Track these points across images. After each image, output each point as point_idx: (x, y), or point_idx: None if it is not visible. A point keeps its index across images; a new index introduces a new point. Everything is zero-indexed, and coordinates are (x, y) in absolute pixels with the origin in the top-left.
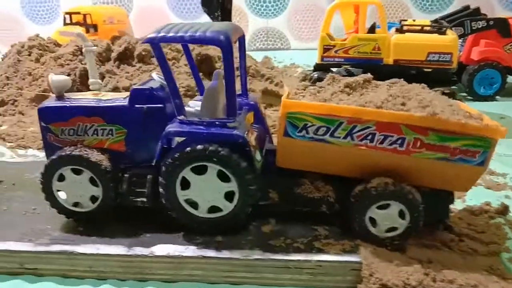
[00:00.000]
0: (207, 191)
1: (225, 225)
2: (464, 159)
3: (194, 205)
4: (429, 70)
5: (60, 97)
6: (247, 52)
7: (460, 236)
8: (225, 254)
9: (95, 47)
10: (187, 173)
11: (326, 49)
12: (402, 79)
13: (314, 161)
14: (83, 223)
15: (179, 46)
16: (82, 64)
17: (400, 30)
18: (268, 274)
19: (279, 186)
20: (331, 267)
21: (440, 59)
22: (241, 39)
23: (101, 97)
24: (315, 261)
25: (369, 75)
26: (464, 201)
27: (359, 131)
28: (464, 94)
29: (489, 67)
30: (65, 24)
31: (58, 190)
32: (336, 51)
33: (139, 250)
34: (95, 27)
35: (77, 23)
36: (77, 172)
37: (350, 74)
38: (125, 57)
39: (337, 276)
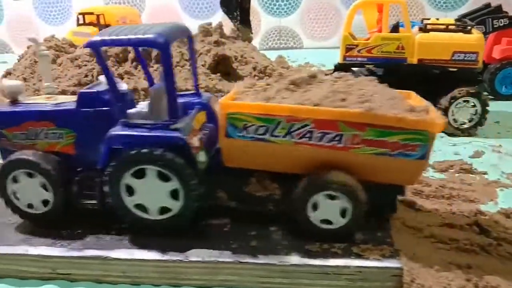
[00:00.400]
0: (152, 194)
1: (177, 224)
2: (404, 153)
3: (144, 209)
4: (454, 69)
5: (13, 102)
6: (261, 51)
7: (498, 240)
8: (261, 259)
9: (47, 51)
10: (129, 179)
11: (348, 48)
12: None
13: (257, 160)
14: (117, 228)
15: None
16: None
17: (424, 29)
18: (305, 280)
19: (227, 185)
20: (371, 273)
21: (466, 58)
22: (190, 39)
23: (52, 101)
24: (355, 266)
25: (315, 71)
26: (497, 204)
27: (297, 129)
28: (486, 93)
29: (511, 65)
30: (78, 24)
31: (14, 192)
32: (359, 51)
33: (173, 255)
34: (108, 27)
35: (90, 24)
36: (29, 175)
37: (371, 73)
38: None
39: (377, 282)
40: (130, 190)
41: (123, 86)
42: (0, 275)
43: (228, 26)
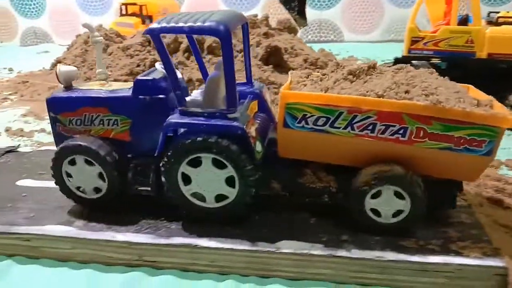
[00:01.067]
0: (209, 182)
1: (234, 211)
2: (469, 148)
3: (201, 197)
4: None
5: (68, 88)
6: (308, 44)
7: None
8: (356, 254)
9: (101, 38)
10: (185, 167)
11: (414, 41)
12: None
13: (315, 151)
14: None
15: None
16: (151, 55)
17: (495, 23)
18: (401, 276)
19: (281, 176)
20: (473, 271)
21: None
22: (245, 27)
23: (107, 88)
24: (456, 264)
25: (374, 61)
26: None
27: (359, 121)
28: None
29: None
30: (121, 15)
31: (69, 176)
32: (425, 43)
33: (264, 246)
34: (150, 18)
35: (133, 14)
36: (88, 162)
37: (433, 67)
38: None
39: (478, 280)
40: (187, 179)
41: (177, 74)
42: (86, 260)
43: (273, 18)
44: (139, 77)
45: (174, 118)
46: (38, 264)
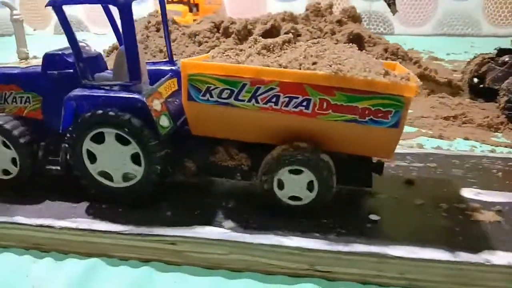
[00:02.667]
0: (114, 159)
1: (142, 191)
2: (375, 120)
3: (108, 176)
4: None
5: None
6: (382, 36)
7: None
8: None
9: (22, 16)
10: (89, 144)
11: None
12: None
13: (223, 127)
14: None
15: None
16: (219, 41)
17: None
18: None
19: (193, 154)
20: None
21: None
22: (162, 3)
23: (21, 65)
24: None
25: (289, 36)
26: None
27: (263, 93)
28: None
29: None
30: (168, 2)
31: None
32: None
33: (468, 257)
34: (197, 6)
35: (181, 2)
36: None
37: None
38: (270, 36)
39: None
40: (92, 156)
41: (91, 49)
42: (240, 268)
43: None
44: (47, 52)
45: (74, 92)
46: (181, 272)
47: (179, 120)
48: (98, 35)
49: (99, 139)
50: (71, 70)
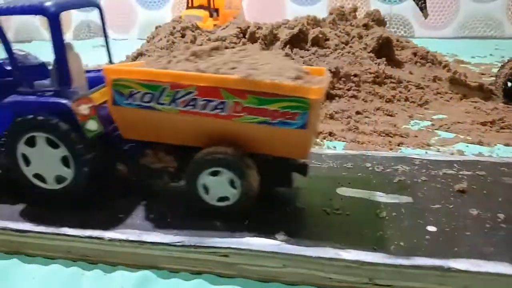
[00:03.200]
0: (46, 162)
1: (73, 193)
2: (284, 122)
3: (42, 178)
4: None
5: None
6: (406, 39)
7: None
8: None
9: None
10: (23, 148)
11: None
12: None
13: (148, 130)
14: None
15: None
16: (246, 46)
17: None
18: None
19: (125, 157)
20: None
21: None
22: (100, 11)
23: None
24: None
25: (218, 43)
26: None
27: (182, 96)
28: None
29: None
30: (187, 7)
31: None
32: None
33: None
34: (217, 11)
35: (201, 7)
36: None
37: None
38: (297, 40)
39: None
40: (27, 159)
41: (33, 59)
42: (295, 281)
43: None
44: None
45: (8, 98)
46: (233, 285)
47: (112, 124)
48: (117, 41)
49: (32, 142)
50: (9, 78)
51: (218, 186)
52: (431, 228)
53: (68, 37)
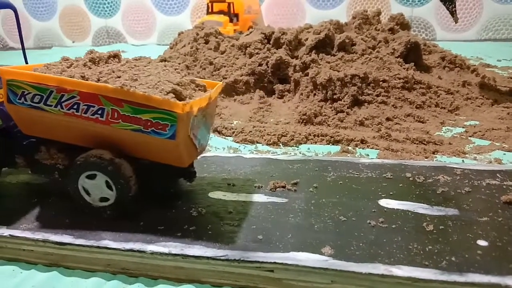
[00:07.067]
0: None
1: None
2: (156, 131)
3: None
4: None
5: None
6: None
7: None
8: None
9: None
10: None
11: None
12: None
13: (41, 128)
14: None
15: (371, 31)
16: (270, 52)
17: None
18: None
19: (23, 151)
20: None
21: None
22: (15, 13)
23: None
24: None
25: (116, 51)
26: None
27: (66, 100)
28: None
29: None
30: (207, 13)
31: None
32: None
33: None
34: (237, 16)
35: (220, 12)
36: None
37: None
38: (323, 45)
39: None
40: None
41: None
42: None
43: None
44: None
45: None
46: None
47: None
48: (136, 46)
49: None
50: None
51: (96, 188)
52: (482, 243)
53: (87, 42)
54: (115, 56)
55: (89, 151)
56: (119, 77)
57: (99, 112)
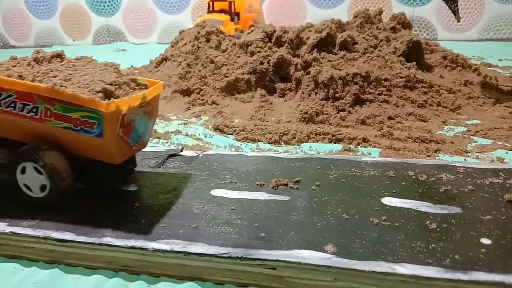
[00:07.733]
0: None
1: None
2: (85, 129)
3: None
4: None
5: None
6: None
7: None
8: None
9: None
10: None
11: None
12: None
13: None
14: None
15: (373, 30)
16: (272, 51)
17: None
18: None
19: None
20: None
21: None
22: None
23: None
24: None
25: (60, 51)
26: None
27: (4, 98)
28: None
29: None
30: (208, 12)
31: None
32: None
33: None
34: (238, 15)
35: (221, 11)
36: None
37: None
38: (324, 44)
39: None
40: None
41: None
42: None
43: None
44: None
45: None
46: None
47: None
48: (137, 45)
49: None
50: None
51: (31, 179)
52: (486, 241)
53: (87, 41)
54: (58, 56)
55: (27, 147)
56: (55, 76)
57: (34, 110)
